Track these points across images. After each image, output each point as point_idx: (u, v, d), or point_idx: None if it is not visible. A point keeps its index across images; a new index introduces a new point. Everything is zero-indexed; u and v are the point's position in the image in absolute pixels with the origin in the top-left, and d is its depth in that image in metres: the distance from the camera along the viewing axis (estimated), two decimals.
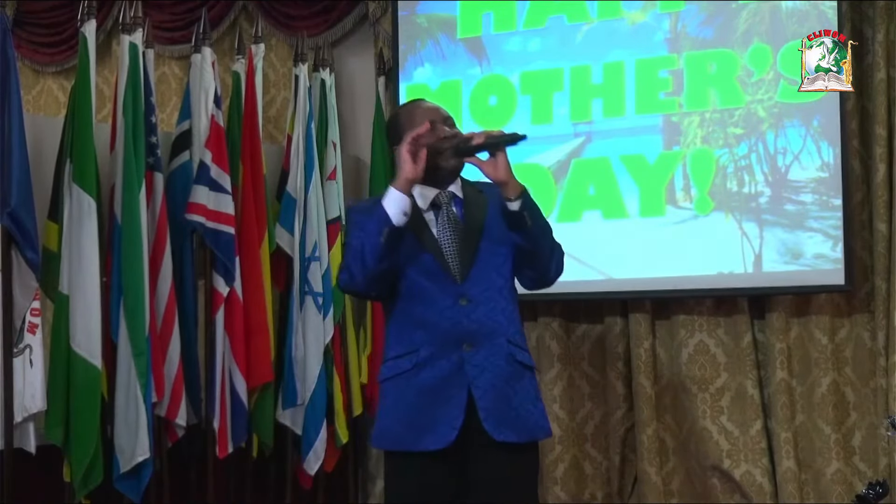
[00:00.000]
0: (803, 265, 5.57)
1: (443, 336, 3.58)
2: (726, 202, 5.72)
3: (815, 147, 5.59)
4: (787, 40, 5.65)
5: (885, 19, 5.63)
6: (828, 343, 5.66)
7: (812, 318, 5.71)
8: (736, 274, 5.66)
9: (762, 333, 5.79)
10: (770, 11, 5.71)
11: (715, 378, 5.83)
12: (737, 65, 5.75)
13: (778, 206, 5.64)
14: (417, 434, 3.55)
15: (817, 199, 5.56)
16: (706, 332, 5.83)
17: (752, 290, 5.69)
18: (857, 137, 5.67)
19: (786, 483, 5.62)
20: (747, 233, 5.67)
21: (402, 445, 3.58)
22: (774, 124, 5.67)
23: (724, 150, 5.74)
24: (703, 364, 5.80)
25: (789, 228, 5.61)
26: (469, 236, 3.68)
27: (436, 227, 3.69)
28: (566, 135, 6.04)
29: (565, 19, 6.11)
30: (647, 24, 5.94)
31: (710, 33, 5.82)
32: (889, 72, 5.60)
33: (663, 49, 5.90)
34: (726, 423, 5.78)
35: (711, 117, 5.78)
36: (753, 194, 5.67)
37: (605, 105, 5.99)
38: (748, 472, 5.71)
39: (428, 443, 3.53)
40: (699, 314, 5.86)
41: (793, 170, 5.63)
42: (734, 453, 5.75)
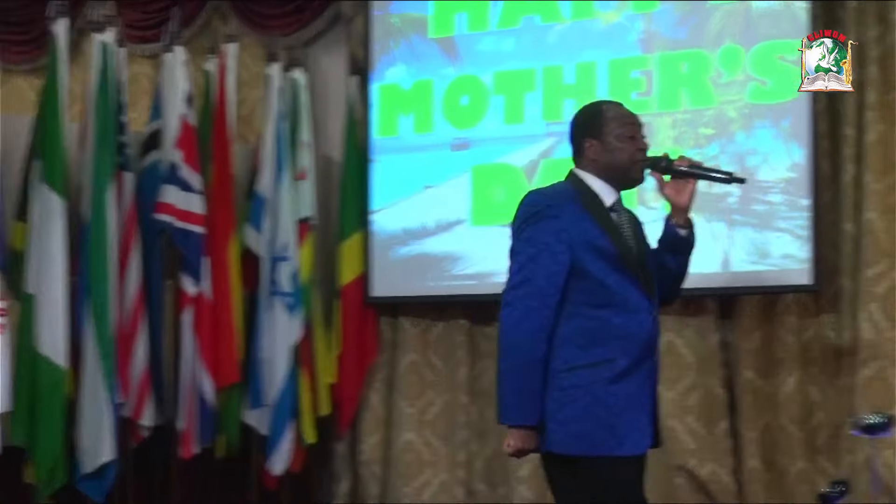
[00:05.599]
0: (771, 265, 5.57)
1: (642, 346, 3.62)
2: (696, 202, 5.62)
3: (784, 148, 5.59)
4: (758, 41, 5.66)
5: (857, 21, 5.64)
6: (794, 342, 5.66)
7: (779, 318, 5.71)
8: (704, 274, 5.63)
9: (730, 333, 5.79)
10: (742, 13, 5.71)
11: (682, 378, 5.82)
12: (709, 65, 5.75)
13: (747, 206, 5.64)
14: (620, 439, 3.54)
15: (786, 200, 5.56)
16: (674, 332, 5.83)
17: (721, 290, 5.70)
18: (827, 138, 5.67)
19: (751, 482, 5.63)
20: (716, 233, 5.67)
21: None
22: (745, 125, 5.67)
23: (694, 150, 5.72)
24: (670, 364, 5.79)
25: (758, 228, 5.61)
26: (642, 248, 3.77)
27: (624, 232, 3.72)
28: (538, 135, 6.04)
29: (538, 19, 6.11)
30: (621, 25, 5.94)
31: (683, 34, 5.82)
32: (860, 73, 5.59)
33: (636, 49, 5.90)
34: (693, 423, 5.78)
35: (683, 118, 5.79)
36: (722, 194, 5.66)
37: (578, 105, 5.88)
38: (714, 472, 5.70)
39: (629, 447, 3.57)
40: (667, 314, 5.82)
41: (762, 170, 5.63)
42: (700, 452, 5.74)
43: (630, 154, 3.70)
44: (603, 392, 3.50)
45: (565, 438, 3.50)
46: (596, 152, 3.71)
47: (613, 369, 3.53)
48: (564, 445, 3.50)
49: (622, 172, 3.70)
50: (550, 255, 3.52)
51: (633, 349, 3.58)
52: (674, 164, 3.77)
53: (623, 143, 3.70)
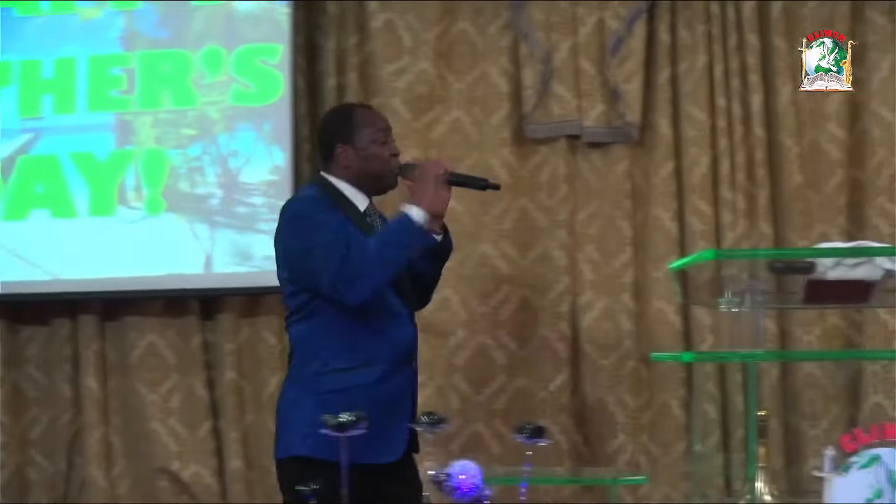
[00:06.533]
0: (254, 266, 5.64)
1: (403, 351, 3.61)
2: (178, 203, 5.70)
3: (266, 150, 5.69)
4: (240, 43, 5.73)
5: (337, 28, 5.83)
6: (276, 343, 5.75)
7: (261, 319, 5.80)
8: (187, 275, 5.66)
9: (212, 334, 5.81)
10: (225, 15, 5.76)
11: (165, 379, 5.78)
12: (191, 66, 5.75)
13: (229, 208, 5.69)
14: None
15: (268, 202, 5.65)
16: (157, 334, 5.77)
17: (203, 291, 5.72)
18: (309, 142, 5.81)
19: (234, 482, 5.67)
20: (199, 234, 5.68)
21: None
22: (227, 126, 5.72)
23: (176, 150, 5.72)
24: (153, 366, 5.75)
25: (240, 230, 5.67)
26: None
27: None
28: (13, 130, 5.80)
29: (14, 11, 5.85)
30: (101, 21, 5.82)
31: (165, 33, 5.78)
32: (340, 79, 5.80)
33: (118, 47, 5.80)
34: (175, 425, 5.75)
35: (164, 117, 5.75)
36: (205, 195, 5.70)
37: (56, 101, 5.81)
38: (197, 473, 5.70)
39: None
40: (150, 315, 5.80)
41: (244, 172, 5.70)
42: (183, 454, 5.72)
43: (384, 160, 3.65)
44: (362, 396, 3.45)
45: (305, 441, 3.50)
46: (348, 158, 3.66)
47: (373, 374, 3.54)
48: (304, 448, 3.52)
49: (375, 179, 3.67)
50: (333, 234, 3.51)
51: (394, 354, 3.58)
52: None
53: (376, 149, 3.65)
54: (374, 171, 3.67)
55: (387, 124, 3.77)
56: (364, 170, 3.67)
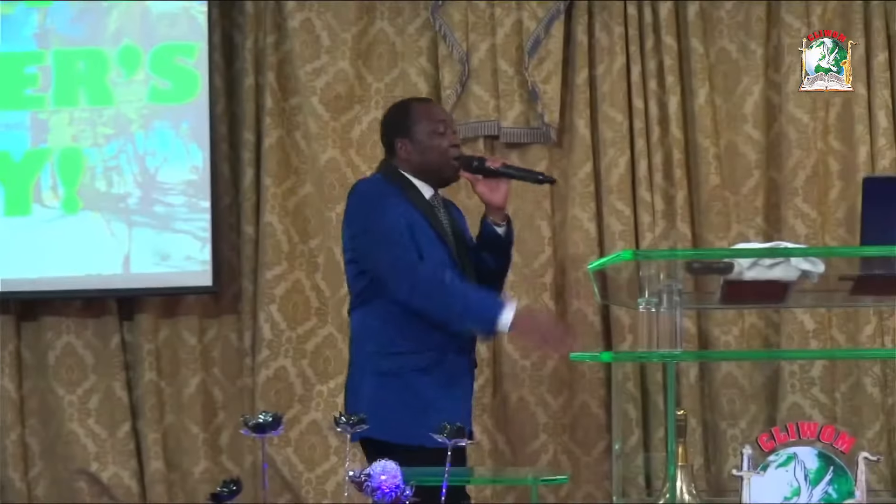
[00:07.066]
0: (172, 266, 5.61)
1: (454, 341, 3.69)
2: (95, 202, 5.65)
3: (184, 149, 5.66)
4: (157, 42, 5.69)
5: (255, 27, 5.80)
6: (196, 344, 5.73)
7: (181, 319, 5.76)
8: (105, 275, 5.62)
9: (131, 334, 5.76)
10: (141, 13, 5.71)
11: (83, 380, 5.73)
12: (107, 64, 5.69)
13: (148, 207, 5.65)
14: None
15: (186, 202, 5.63)
16: (74, 334, 5.72)
17: (122, 291, 5.67)
18: (227, 141, 5.79)
19: (154, 484, 5.63)
20: (116, 234, 5.63)
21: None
22: (144, 125, 5.68)
23: (93, 149, 5.67)
24: (70, 366, 5.69)
25: (158, 230, 5.63)
26: (461, 243, 3.79)
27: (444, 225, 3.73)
28: None
29: None
30: (14, 18, 5.74)
31: (80, 31, 5.73)
32: (258, 78, 5.77)
33: (32, 44, 5.73)
34: (94, 426, 5.70)
35: (81, 116, 5.69)
36: (123, 195, 5.65)
37: None
38: (116, 474, 5.66)
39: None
40: (67, 315, 5.74)
41: (162, 171, 5.66)
42: (102, 455, 5.68)
43: (442, 152, 3.76)
44: (416, 380, 3.55)
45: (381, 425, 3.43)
46: (407, 151, 3.77)
47: (424, 360, 3.63)
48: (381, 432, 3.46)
49: (435, 171, 3.78)
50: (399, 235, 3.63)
51: (445, 342, 3.67)
52: (486, 163, 3.84)
53: (434, 142, 3.75)
54: (432, 163, 3.80)
55: (445, 116, 3.93)
56: (423, 162, 3.80)
